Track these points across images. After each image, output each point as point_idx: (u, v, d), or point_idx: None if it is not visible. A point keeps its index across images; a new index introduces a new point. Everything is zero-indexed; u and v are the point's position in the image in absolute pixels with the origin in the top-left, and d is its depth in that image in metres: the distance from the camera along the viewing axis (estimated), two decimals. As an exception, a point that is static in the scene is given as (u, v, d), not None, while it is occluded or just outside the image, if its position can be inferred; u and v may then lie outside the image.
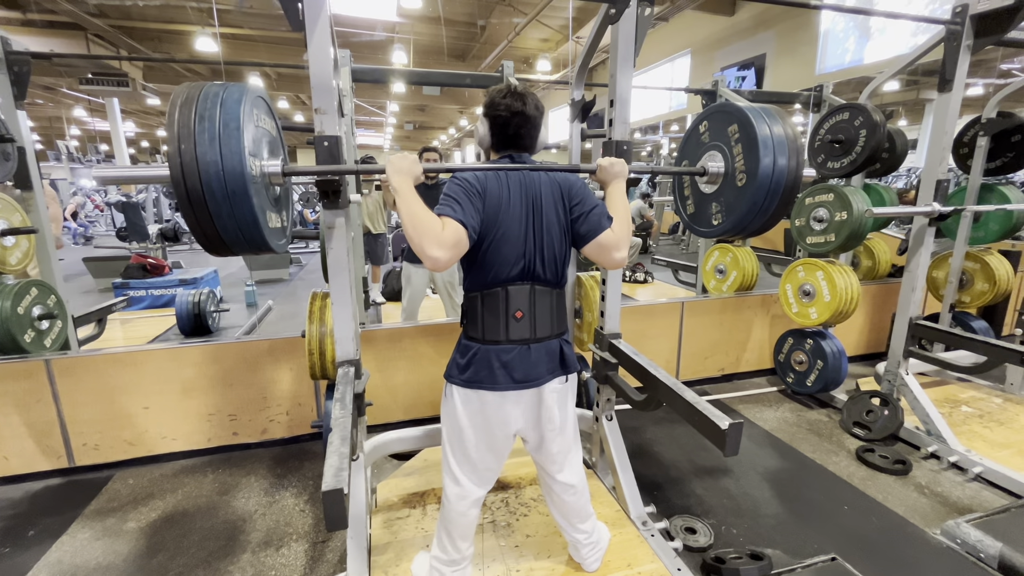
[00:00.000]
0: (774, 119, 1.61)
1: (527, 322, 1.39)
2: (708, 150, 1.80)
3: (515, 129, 1.40)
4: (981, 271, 3.33)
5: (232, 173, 1.16)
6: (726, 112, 1.70)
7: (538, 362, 1.40)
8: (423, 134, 29.43)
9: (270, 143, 1.45)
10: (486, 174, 1.34)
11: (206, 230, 1.20)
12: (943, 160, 2.47)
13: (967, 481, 2.38)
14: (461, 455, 1.47)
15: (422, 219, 1.18)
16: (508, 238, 1.33)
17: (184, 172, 1.12)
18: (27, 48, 2.65)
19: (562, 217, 1.40)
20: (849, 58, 7.77)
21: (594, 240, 1.37)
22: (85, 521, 2.16)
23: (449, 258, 1.20)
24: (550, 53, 13.08)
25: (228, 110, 1.17)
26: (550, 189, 1.40)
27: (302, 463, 2.58)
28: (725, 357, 3.55)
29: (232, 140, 1.15)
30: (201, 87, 1.21)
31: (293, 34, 11.33)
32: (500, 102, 1.38)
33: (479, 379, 1.38)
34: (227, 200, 1.17)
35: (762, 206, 1.61)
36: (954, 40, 2.33)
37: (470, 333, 1.42)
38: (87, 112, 16.55)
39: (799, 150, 1.59)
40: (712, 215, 1.83)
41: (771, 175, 1.55)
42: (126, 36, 11.01)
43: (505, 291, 1.36)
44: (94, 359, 2.47)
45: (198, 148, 1.12)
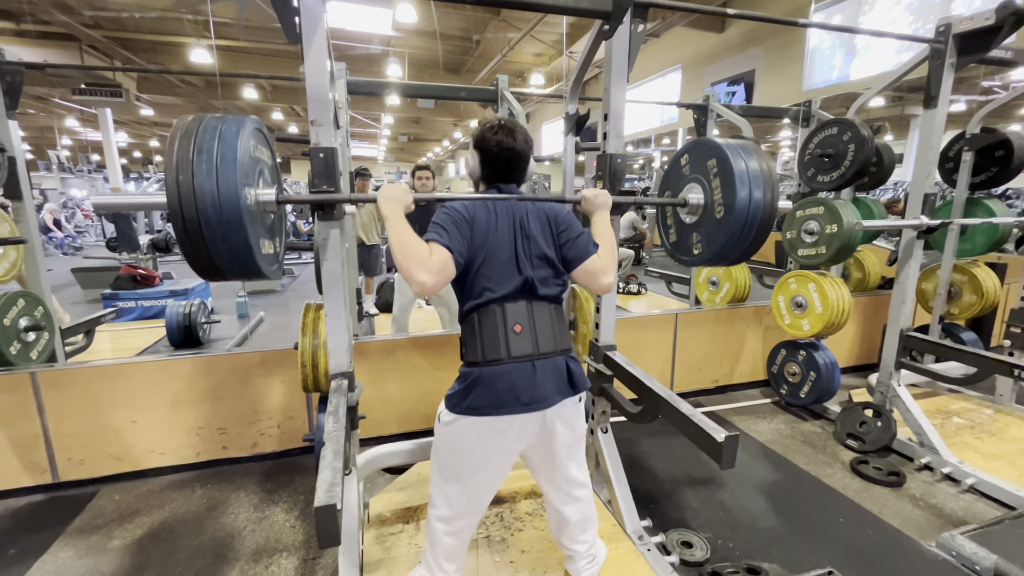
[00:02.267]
0: (750, 154, 1.65)
1: (528, 336, 1.34)
2: (689, 182, 1.84)
3: (505, 163, 1.44)
4: (969, 283, 3.38)
5: (228, 203, 1.18)
6: (705, 147, 1.75)
7: (544, 381, 1.32)
8: (417, 146, 29.58)
9: (265, 172, 1.47)
10: (474, 203, 1.38)
11: (200, 257, 1.22)
12: (930, 174, 2.51)
13: (960, 493, 2.38)
14: (453, 484, 1.39)
15: (410, 245, 1.20)
16: (499, 259, 1.35)
17: (181, 201, 1.14)
18: (20, 58, 2.64)
19: (551, 242, 1.42)
20: (836, 74, 7.94)
21: (581, 265, 1.40)
22: (68, 539, 2.10)
23: (436, 283, 1.21)
24: (544, 67, 13.26)
25: (226, 143, 1.20)
26: (536, 216, 1.42)
27: (293, 477, 2.54)
28: (719, 369, 3.56)
29: (228, 171, 1.17)
30: (201, 119, 1.23)
31: (288, 47, 11.42)
32: (491, 138, 1.42)
33: (480, 405, 1.29)
34: (222, 228, 1.19)
35: (740, 237, 1.65)
36: (938, 58, 2.39)
37: (469, 359, 1.35)
38: (79, 122, 16.48)
39: (774, 184, 1.63)
40: (693, 244, 1.88)
41: (747, 208, 1.59)
42: (121, 47, 11.02)
43: (501, 307, 1.34)
44: (81, 371, 2.43)
45: (195, 179, 1.15)
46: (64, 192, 16.01)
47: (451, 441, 1.37)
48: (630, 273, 6.49)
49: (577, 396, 1.41)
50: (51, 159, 16.61)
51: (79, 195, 16.48)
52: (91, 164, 18.08)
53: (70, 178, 16.91)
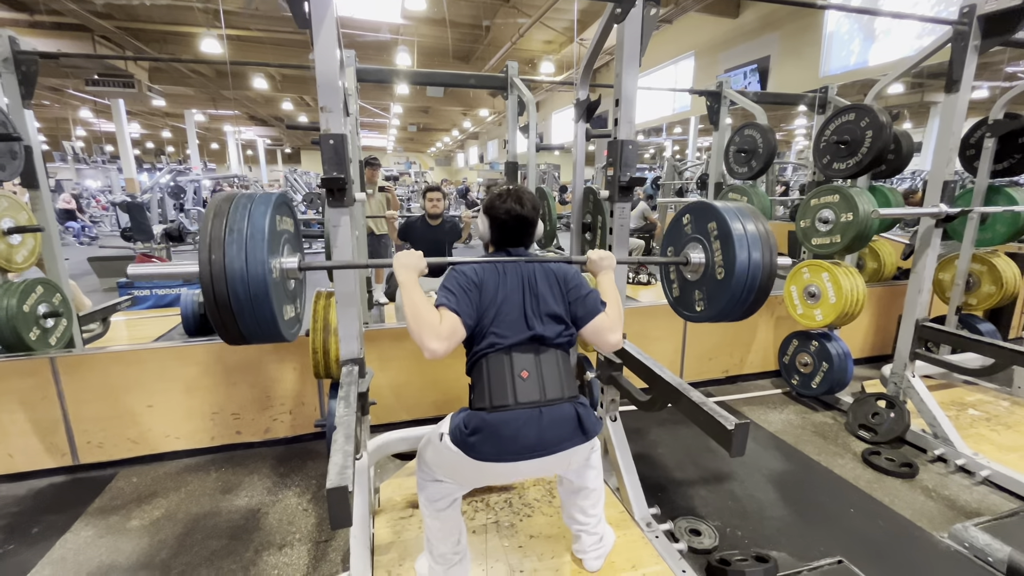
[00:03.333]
0: (748, 218, 1.66)
1: (535, 381, 1.35)
2: (691, 241, 1.84)
3: (513, 229, 1.51)
4: (988, 273, 3.31)
5: (255, 279, 1.26)
6: (705, 209, 1.75)
7: (551, 428, 1.32)
8: (427, 135, 29.51)
9: (289, 241, 1.53)
10: (484, 267, 1.43)
11: (228, 326, 1.30)
12: (950, 161, 2.45)
13: (975, 484, 2.36)
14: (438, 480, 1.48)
15: (422, 313, 1.26)
16: (508, 314, 1.39)
17: (213, 279, 1.23)
18: (35, 48, 2.67)
19: (559, 299, 1.45)
20: (854, 60, 7.75)
21: (591, 323, 1.44)
22: (89, 519, 2.16)
23: (445, 349, 1.26)
24: (554, 55, 13.11)
25: (255, 223, 1.27)
26: (544, 276, 1.47)
27: (305, 462, 2.58)
28: (729, 359, 3.53)
29: (257, 251, 1.26)
30: (232, 199, 1.31)
31: (298, 35, 11.40)
32: (500, 206, 1.48)
33: (484, 453, 1.30)
34: (249, 303, 1.27)
35: (740, 298, 1.67)
36: (961, 41, 2.31)
37: (476, 404, 1.37)
38: (93, 113, 16.65)
39: (772, 246, 1.64)
40: (695, 301, 1.88)
41: (747, 271, 1.61)
42: (132, 38, 11.08)
43: (509, 354, 1.37)
44: (98, 357, 2.48)
45: (227, 258, 1.24)
46: (79, 183, 16.24)
47: (451, 462, 1.38)
48: (640, 263, 6.44)
49: (591, 441, 1.42)
50: (66, 150, 16.84)
51: (93, 185, 16.73)
52: (105, 155, 18.31)
53: (85, 168, 17.14)
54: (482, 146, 27.11)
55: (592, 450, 1.59)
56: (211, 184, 14.90)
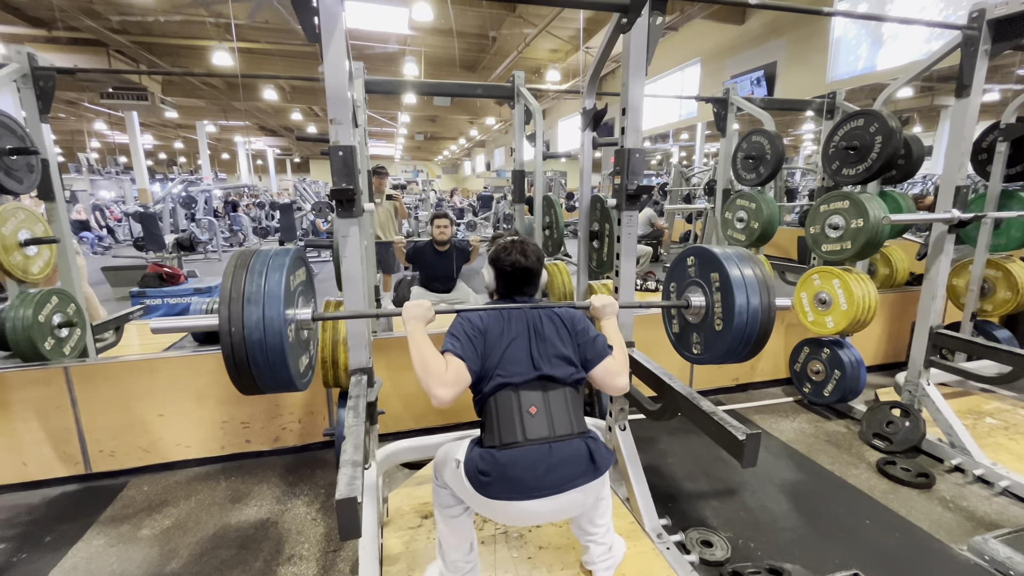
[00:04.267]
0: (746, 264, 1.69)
1: (543, 418, 1.37)
2: (693, 284, 1.86)
3: (517, 280, 1.55)
4: (1003, 279, 3.26)
5: (272, 345, 1.32)
6: (708, 259, 1.77)
7: (561, 465, 1.33)
8: (434, 144, 29.75)
9: (303, 292, 1.58)
10: (489, 314, 1.47)
11: (245, 382, 1.38)
12: (962, 166, 2.42)
13: (993, 495, 2.31)
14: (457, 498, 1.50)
15: (429, 362, 1.32)
16: (514, 357, 1.42)
17: (233, 346, 1.30)
18: (52, 64, 2.73)
19: (567, 341, 1.49)
20: (862, 65, 7.71)
21: (600, 364, 1.48)
22: (100, 527, 2.17)
23: (452, 396, 1.31)
24: (559, 63, 13.19)
25: (271, 289, 1.34)
26: (550, 319, 1.51)
27: (314, 471, 2.58)
28: (739, 366, 3.50)
29: (274, 320, 1.32)
30: (248, 260, 1.37)
31: (307, 48, 11.58)
32: (505, 258, 1.53)
33: (495, 492, 1.31)
34: (267, 365, 1.34)
35: (737, 350, 1.70)
36: (971, 45, 2.30)
37: (487, 442, 1.38)
38: (107, 125, 16.98)
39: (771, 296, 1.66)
40: (693, 343, 1.91)
41: (744, 327, 1.64)
42: (146, 52, 11.32)
43: (516, 392, 1.39)
44: (111, 366, 2.51)
45: (246, 330, 1.30)
46: (93, 193, 16.52)
47: (464, 490, 1.41)
48: (648, 270, 6.42)
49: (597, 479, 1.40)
50: (81, 161, 17.15)
51: (107, 196, 17.00)
52: (119, 166, 18.63)
53: (99, 179, 17.44)
54: (489, 154, 27.26)
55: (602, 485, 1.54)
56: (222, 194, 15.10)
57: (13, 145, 2.43)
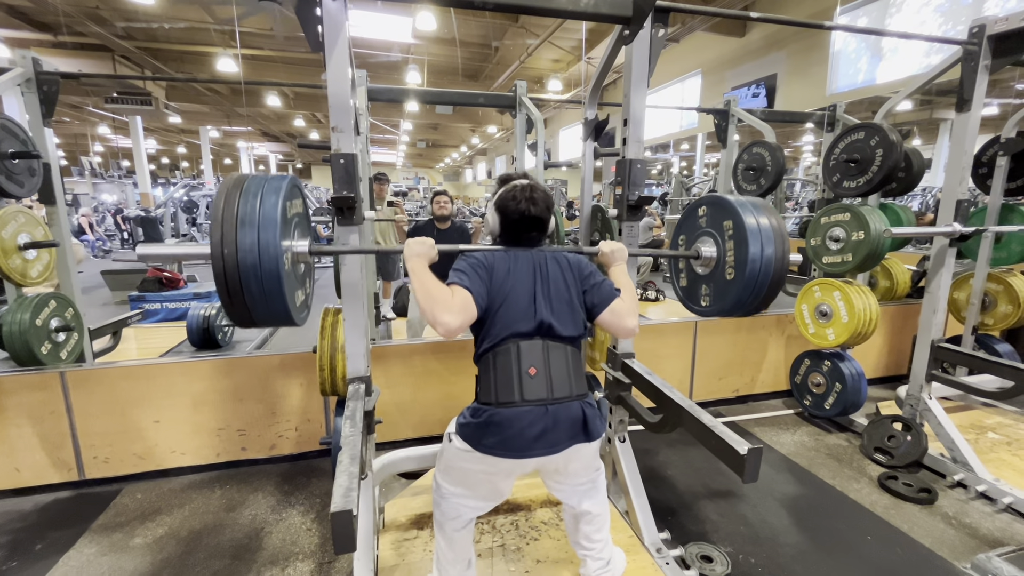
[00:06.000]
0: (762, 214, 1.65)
1: (542, 379, 1.33)
2: (704, 234, 1.83)
3: (525, 228, 1.48)
4: (1004, 293, 3.25)
5: (268, 273, 1.26)
6: (723, 207, 1.74)
7: (557, 426, 1.33)
8: (435, 152, 29.86)
9: (299, 224, 1.53)
10: (494, 252, 1.44)
11: (240, 313, 1.31)
12: (963, 180, 2.42)
13: (996, 512, 2.28)
14: (455, 488, 1.48)
15: (433, 291, 1.27)
16: (517, 302, 1.38)
17: (226, 271, 1.24)
18: (56, 68, 2.74)
19: (572, 286, 1.45)
20: (862, 78, 7.77)
21: (607, 308, 1.43)
22: (92, 536, 2.15)
23: (459, 323, 1.25)
24: (561, 73, 13.26)
25: (266, 213, 1.26)
26: (556, 264, 1.46)
27: (310, 480, 2.56)
28: (740, 378, 3.48)
29: (270, 244, 1.25)
30: (242, 184, 1.29)
31: (311, 55, 11.65)
32: (513, 207, 1.44)
33: (491, 446, 1.32)
34: (262, 294, 1.28)
35: (747, 302, 1.67)
36: (971, 60, 2.31)
37: (483, 399, 1.36)
38: (111, 129, 17.06)
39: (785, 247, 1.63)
40: (702, 296, 1.88)
41: (757, 275, 1.60)
42: (151, 57, 11.40)
43: (517, 346, 1.35)
44: (107, 372, 2.49)
45: (239, 253, 1.23)
46: (95, 197, 16.56)
47: (460, 464, 1.42)
48: (648, 279, 6.41)
49: (593, 444, 1.42)
50: (84, 165, 17.21)
51: (110, 200, 17.04)
52: (121, 170, 18.69)
53: (101, 183, 17.50)
54: (490, 162, 27.35)
55: (597, 471, 1.57)
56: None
57: (15, 149, 2.44)
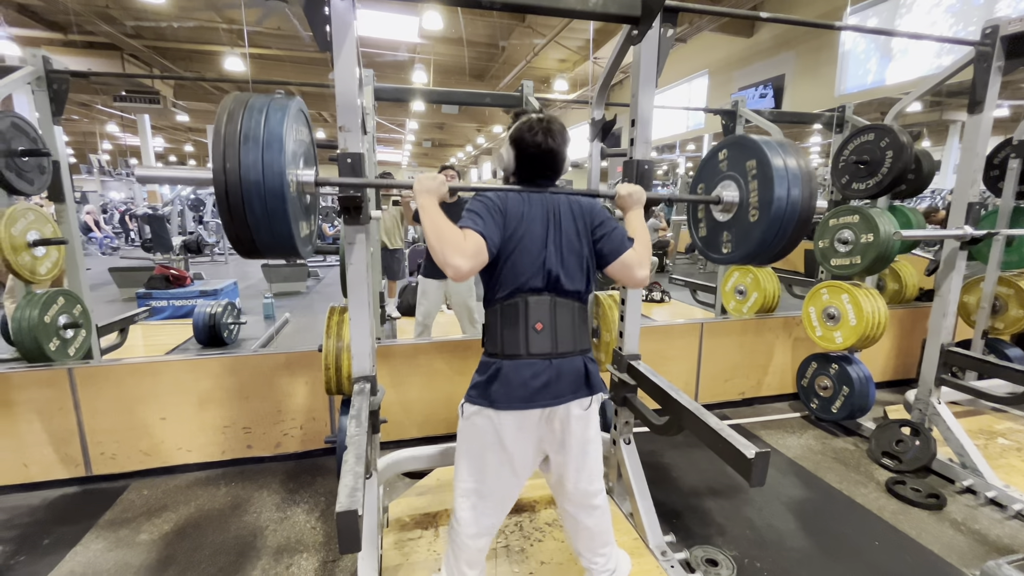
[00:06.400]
0: (789, 155, 1.60)
1: (548, 334, 1.36)
2: (724, 179, 1.79)
3: (541, 164, 1.43)
4: (1015, 296, 3.21)
5: (272, 192, 1.21)
6: (746, 147, 1.69)
7: (560, 379, 1.36)
8: (441, 151, 29.90)
9: (305, 153, 1.49)
10: (508, 193, 1.39)
11: (242, 238, 1.25)
12: (974, 182, 2.40)
13: (1006, 519, 2.25)
14: (478, 478, 1.43)
15: (445, 231, 1.23)
16: (529, 251, 1.35)
17: (228, 188, 1.17)
18: (66, 67, 2.76)
19: (584, 237, 1.42)
20: (871, 79, 7.70)
21: (618, 259, 1.41)
22: (99, 531, 2.16)
23: (471, 267, 1.23)
24: (567, 73, 13.25)
25: (271, 130, 1.20)
26: (569, 209, 1.42)
27: (314, 478, 2.56)
28: (745, 380, 3.46)
29: (274, 162, 1.19)
30: (245, 101, 1.23)
31: (317, 54, 11.69)
32: (530, 139, 1.40)
33: (499, 399, 1.34)
34: (265, 215, 1.22)
35: (772, 242, 1.63)
36: (984, 61, 2.28)
37: (489, 349, 1.40)
38: (119, 128, 17.18)
39: (813, 184, 1.59)
40: (723, 243, 1.84)
41: (783, 215, 1.56)
42: (159, 56, 11.47)
43: (525, 301, 1.36)
44: (115, 368, 2.51)
45: (242, 169, 1.17)
46: (104, 194, 16.69)
47: (474, 434, 1.40)
48: (653, 280, 6.39)
49: (591, 397, 1.43)
50: (92, 163, 17.35)
51: (117, 197, 17.18)
52: (129, 168, 18.82)
53: (109, 181, 17.63)
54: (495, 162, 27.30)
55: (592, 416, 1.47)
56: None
57: (25, 147, 2.46)
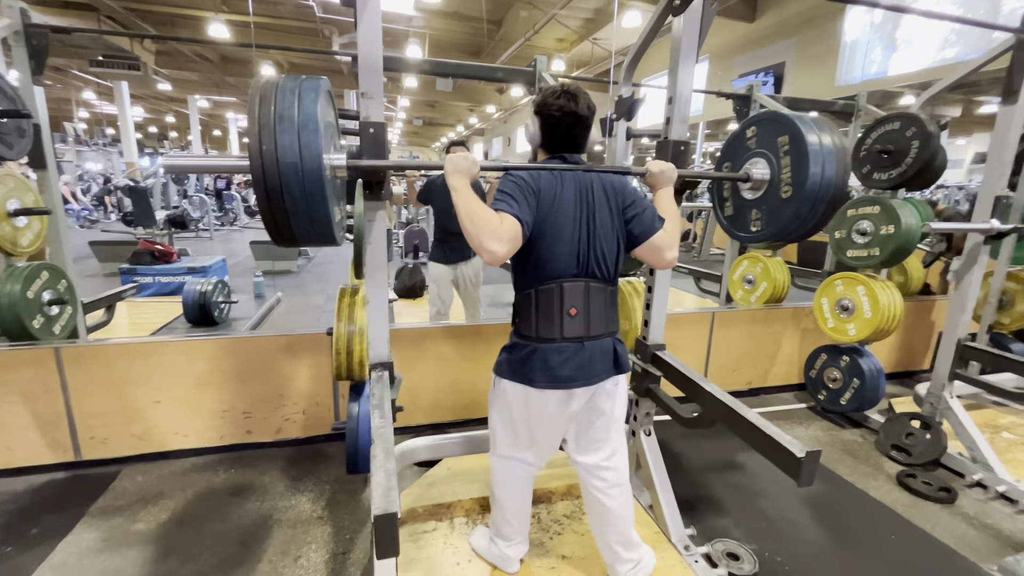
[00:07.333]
0: (824, 130, 1.56)
1: (581, 319, 1.38)
2: (753, 156, 1.73)
3: (567, 130, 1.40)
4: (1022, 292, 3.22)
5: (311, 175, 1.16)
6: (777, 122, 1.63)
7: (592, 361, 1.40)
8: (432, 130, 29.36)
9: (333, 136, 1.42)
10: (540, 173, 1.35)
11: (280, 225, 1.21)
12: (1003, 175, 2.35)
13: (1016, 513, 2.26)
14: (509, 439, 1.54)
15: (480, 215, 1.20)
16: (563, 235, 1.34)
17: (265, 172, 1.13)
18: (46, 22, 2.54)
19: (615, 217, 1.41)
20: (875, 69, 7.65)
21: (648, 241, 1.41)
22: (91, 520, 2.04)
23: (507, 252, 1.23)
24: (565, 53, 12.98)
25: (306, 110, 1.16)
26: (602, 189, 1.41)
27: (317, 465, 2.47)
28: (753, 370, 3.44)
29: (311, 143, 1.14)
30: (276, 83, 1.19)
31: (305, 23, 11.22)
32: (553, 102, 1.37)
33: (533, 378, 1.38)
34: (304, 200, 1.18)
35: (805, 218, 1.59)
36: (1021, 49, 2.21)
37: (523, 332, 1.41)
38: (96, 95, 16.45)
39: (847, 161, 1.55)
40: (752, 221, 1.78)
41: (817, 190, 1.52)
42: (139, 19, 10.90)
43: (560, 287, 1.36)
44: (105, 349, 2.36)
45: (279, 150, 1.12)
46: (79, 165, 16.01)
47: (509, 406, 1.48)
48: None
49: (619, 376, 1.49)
50: (67, 131, 16.59)
51: (94, 168, 16.49)
52: (106, 137, 18.07)
53: (86, 151, 16.91)
54: (487, 143, 26.94)
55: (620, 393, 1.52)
56: (214, 171, 14.67)
57: (4, 107, 2.25)
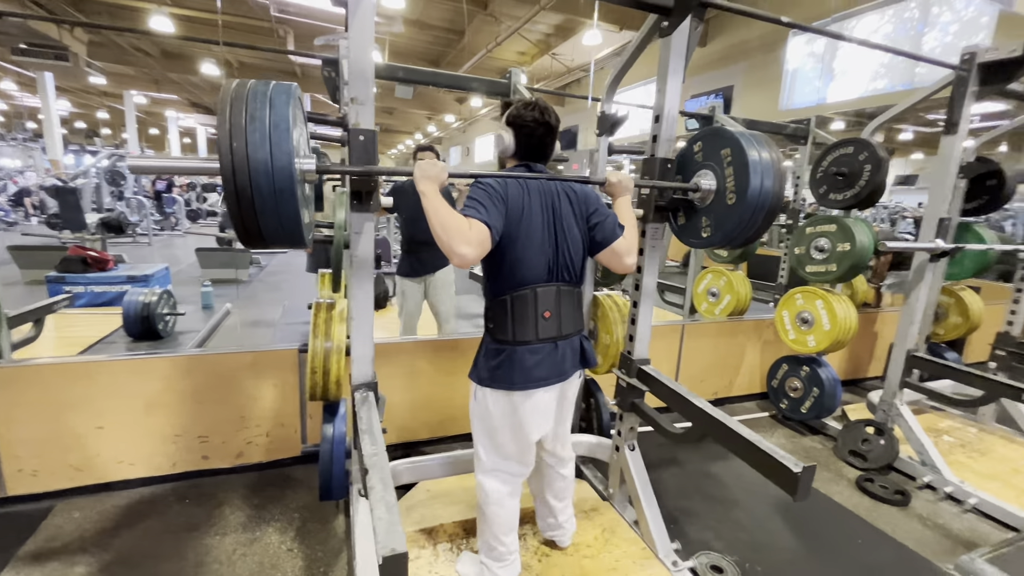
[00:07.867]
0: (763, 145, 1.69)
1: (554, 321, 1.48)
2: (701, 168, 1.82)
3: (539, 140, 1.50)
4: (955, 305, 3.51)
5: (281, 173, 1.14)
6: (721, 136, 1.74)
7: (564, 359, 1.53)
8: (388, 137, 28.89)
9: (302, 139, 1.38)
10: (507, 181, 1.42)
11: (248, 224, 1.18)
12: (946, 199, 2.56)
13: (963, 512, 2.43)
14: (495, 453, 1.58)
15: (450, 219, 1.25)
16: (532, 241, 1.42)
17: (235, 169, 1.11)
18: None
19: (580, 223, 1.52)
20: (815, 96, 8.24)
21: (609, 247, 1.53)
22: (20, 565, 1.80)
23: (476, 255, 1.28)
24: (526, 67, 13.15)
25: (278, 111, 1.16)
26: (566, 196, 1.51)
27: (284, 492, 2.30)
28: (719, 380, 3.54)
29: (282, 141, 1.14)
30: (246, 85, 1.19)
31: (257, 21, 10.77)
32: (528, 114, 1.48)
33: (511, 380, 1.46)
34: (273, 198, 1.15)
35: (749, 222, 1.69)
36: (961, 85, 2.42)
37: (498, 336, 1.48)
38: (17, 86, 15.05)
39: (782, 174, 1.68)
40: (702, 228, 1.88)
41: (759, 196, 1.63)
42: (70, 7, 10.09)
43: (534, 292, 1.45)
44: (37, 369, 2.11)
45: (249, 147, 1.12)
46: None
47: (490, 415, 1.53)
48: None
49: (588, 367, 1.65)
50: (-20, 123, 15.04)
51: (11, 165, 15.03)
52: (27, 132, 16.52)
53: (2, 146, 15.40)
54: (444, 152, 26.79)
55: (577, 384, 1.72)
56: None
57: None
